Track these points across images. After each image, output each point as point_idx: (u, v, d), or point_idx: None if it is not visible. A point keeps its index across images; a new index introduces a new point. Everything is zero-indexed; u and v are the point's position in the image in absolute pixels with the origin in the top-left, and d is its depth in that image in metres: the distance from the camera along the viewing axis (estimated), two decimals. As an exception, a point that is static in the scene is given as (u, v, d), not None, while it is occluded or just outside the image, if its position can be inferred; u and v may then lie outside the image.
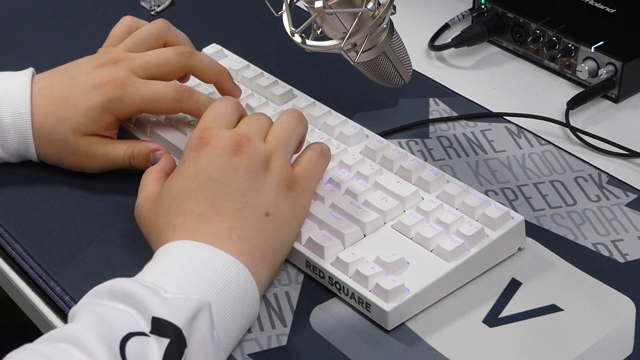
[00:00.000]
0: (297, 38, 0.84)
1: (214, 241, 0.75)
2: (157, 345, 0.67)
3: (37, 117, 0.90)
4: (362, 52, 0.83)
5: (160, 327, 0.68)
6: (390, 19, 0.84)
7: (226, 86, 0.94)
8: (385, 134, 0.96)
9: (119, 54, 0.92)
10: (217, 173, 0.79)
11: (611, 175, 0.91)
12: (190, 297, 0.70)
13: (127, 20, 0.97)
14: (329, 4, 0.79)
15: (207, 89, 0.98)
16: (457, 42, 1.09)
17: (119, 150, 0.91)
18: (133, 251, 0.84)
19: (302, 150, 0.85)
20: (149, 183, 0.83)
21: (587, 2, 1.09)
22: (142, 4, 1.20)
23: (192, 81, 0.97)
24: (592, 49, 1.01)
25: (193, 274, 0.73)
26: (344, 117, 0.94)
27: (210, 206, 0.78)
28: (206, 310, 0.70)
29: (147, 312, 0.68)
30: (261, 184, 0.79)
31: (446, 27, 1.14)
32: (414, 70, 1.00)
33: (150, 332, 0.68)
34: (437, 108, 1.00)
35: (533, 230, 0.85)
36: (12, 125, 0.90)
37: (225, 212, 0.77)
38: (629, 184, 0.90)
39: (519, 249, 0.83)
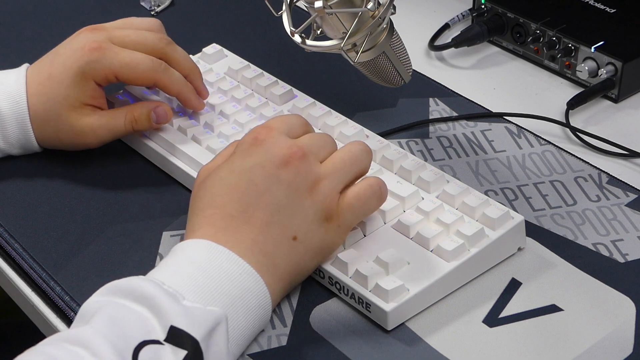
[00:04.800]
0: (297, 38, 0.84)
1: (237, 248, 0.74)
2: (173, 356, 0.66)
3: (31, 101, 0.91)
4: (362, 52, 0.83)
5: (177, 337, 0.67)
6: (390, 19, 0.84)
7: (195, 82, 0.93)
8: (385, 134, 0.96)
9: (99, 25, 0.92)
10: (260, 179, 0.76)
11: (611, 175, 0.91)
12: (208, 308, 0.70)
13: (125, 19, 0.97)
14: (329, 4, 0.79)
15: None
16: (457, 42, 1.09)
17: (118, 118, 0.91)
18: (133, 251, 0.84)
19: (358, 182, 0.79)
20: (224, 154, 0.80)
21: (587, 2, 1.08)
22: (142, 4, 1.20)
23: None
24: (592, 49, 1.01)
25: (211, 281, 0.71)
26: (344, 117, 0.93)
27: (241, 210, 0.75)
28: (224, 324, 0.70)
29: (166, 320, 0.67)
30: (299, 206, 0.76)
31: (446, 27, 1.14)
32: (414, 70, 1.00)
33: (165, 340, 0.67)
34: (437, 108, 1.00)
35: (533, 230, 0.85)
36: (10, 114, 0.91)
37: (253, 222, 0.75)
38: (629, 184, 0.90)
39: (519, 249, 0.83)
